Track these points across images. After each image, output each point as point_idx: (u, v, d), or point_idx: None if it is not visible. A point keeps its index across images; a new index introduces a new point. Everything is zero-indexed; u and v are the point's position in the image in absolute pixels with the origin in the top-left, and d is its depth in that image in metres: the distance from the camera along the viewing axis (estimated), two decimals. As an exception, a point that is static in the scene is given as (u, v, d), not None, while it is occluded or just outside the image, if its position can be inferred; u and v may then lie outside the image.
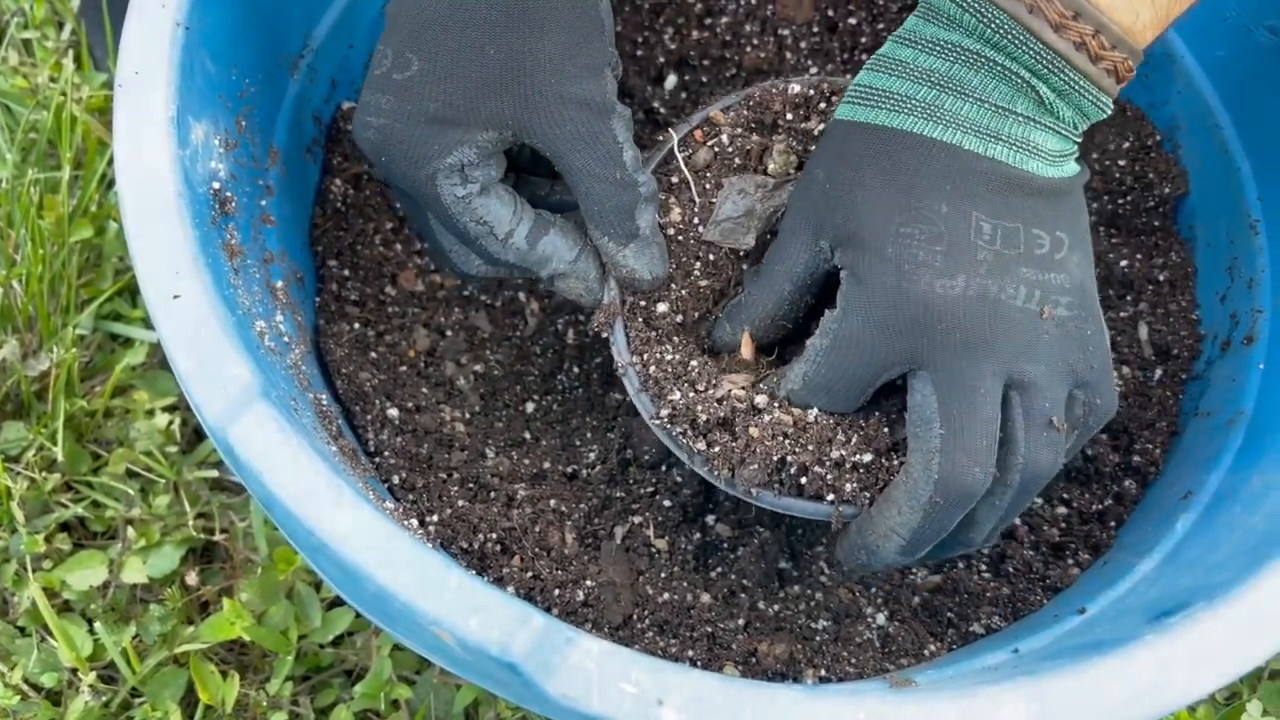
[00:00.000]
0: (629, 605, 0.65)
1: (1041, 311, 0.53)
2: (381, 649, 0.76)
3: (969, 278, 0.52)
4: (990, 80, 0.53)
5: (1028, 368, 0.53)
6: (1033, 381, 0.53)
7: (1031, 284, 0.53)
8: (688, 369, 0.59)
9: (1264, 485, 0.59)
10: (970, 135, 0.53)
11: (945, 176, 0.53)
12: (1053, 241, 0.53)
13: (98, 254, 0.90)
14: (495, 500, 0.67)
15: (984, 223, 0.52)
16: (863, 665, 0.64)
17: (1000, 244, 0.52)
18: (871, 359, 0.54)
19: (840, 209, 0.54)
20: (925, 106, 0.53)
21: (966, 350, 0.52)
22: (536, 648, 0.43)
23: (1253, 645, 0.46)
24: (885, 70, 0.55)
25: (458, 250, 0.61)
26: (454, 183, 0.56)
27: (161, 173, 0.52)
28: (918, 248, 0.52)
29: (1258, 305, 0.70)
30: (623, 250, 0.58)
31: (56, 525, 0.80)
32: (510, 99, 0.55)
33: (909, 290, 0.52)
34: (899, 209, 0.53)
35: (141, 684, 0.75)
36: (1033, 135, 0.53)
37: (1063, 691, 0.44)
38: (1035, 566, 0.68)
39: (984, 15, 0.52)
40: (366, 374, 0.70)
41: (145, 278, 0.50)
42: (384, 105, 0.56)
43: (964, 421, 0.52)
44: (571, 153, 0.56)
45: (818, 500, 0.57)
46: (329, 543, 0.45)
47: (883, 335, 0.53)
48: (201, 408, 0.48)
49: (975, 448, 0.52)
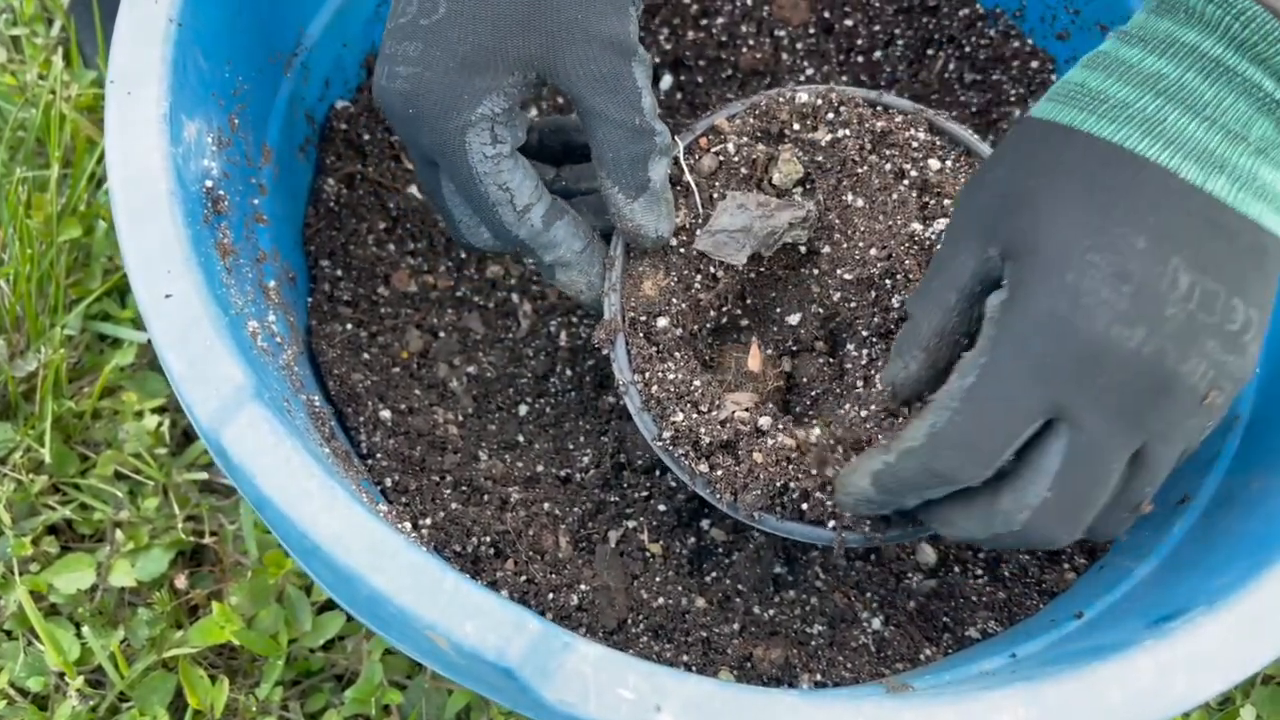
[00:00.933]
0: (623, 609, 0.64)
1: (1206, 396, 0.46)
2: (373, 653, 0.75)
3: (1150, 333, 0.45)
4: (1227, 93, 0.46)
5: (1160, 448, 0.47)
6: (1154, 463, 0.48)
7: (1212, 362, 0.46)
8: (690, 388, 0.58)
9: (1261, 489, 0.58)
10: (1191, 161, 0.46)
11: (1152, 207, 0.45)
12: (1245, 320, 0.46)
13: (86, 253, 0.89)
14: (489, 503, 0.67)
15: (1182, 275, 0.45)
16: (858, 670, 0.64)
17: (1196, 306, 0.45)
18: (1019, 406, 0.46)
19: (1021, 214, 0.47)
20: (1145, 118, 0.46)
21: (1119, 418, 0.46)
22: (533, 653, 0.43)
23: (1253, 650, 0.46)
24: (1103, 69, 0.48)
25: (468, 221, 0.60)
26: (484, 140, 0.54)
27: (154, 171, 0.52)
28: (1101, 282, 0.45)
29: (1254, 309, 0.70)
30: (632, 203, 0.56)
31: (44, 528, 0.79)
32: (536, 35, 0.53)
33: (1080, 327, 0.45)
34: (1091, 230, 0.46)
35: (130, 688, 0.74)
36: (1263, 171, 0.46)
37: (1062, 696, 0.44)
38: (1031, 571, 0.68)
39: (1234, 6, 0.45)
40: (359, 375, 0.70)
41: (137, 277, 0.49)
42: (412, 53, 0.53)
43: (1080, 496, 0.47)
44: (592, 94, 0.54)
45: (819, 525, 0.57)
46: (322, 546, 0.45)
47: (1036, 377, 0.46)
48: (193, 409, 0.47)
49: (1077, 521, 0.48)
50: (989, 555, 0.69)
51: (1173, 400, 0.46)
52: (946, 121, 0.62)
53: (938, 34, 0.84)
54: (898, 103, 0.63)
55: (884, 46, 0.84)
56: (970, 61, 0.83)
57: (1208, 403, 0.47)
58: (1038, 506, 0.47)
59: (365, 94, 0.79)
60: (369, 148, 0.78)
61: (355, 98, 0.79)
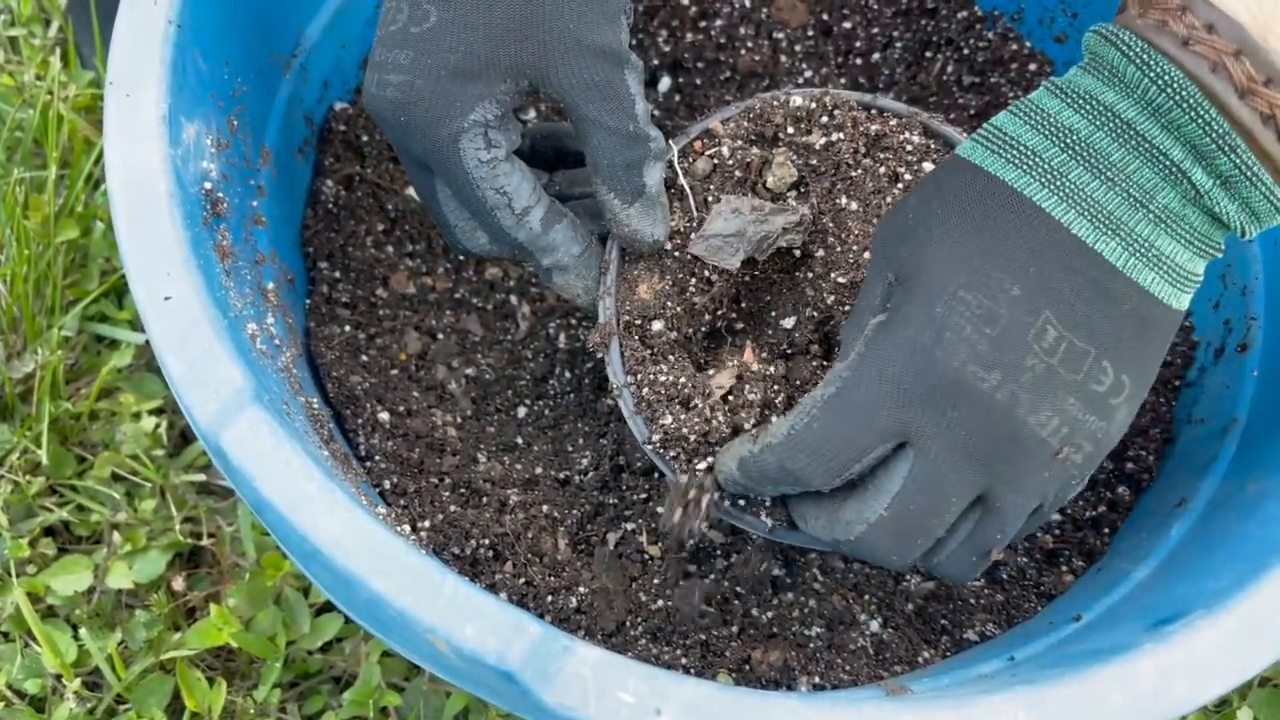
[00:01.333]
0: (622, 612, 0.64)
1: (1059, 451, 0.47)
2: (370, 655, 0.75)
3: (1004, 380, 0.46)
4: (1134, 158, 0.45)
5: (1008, 496, 0.48)
6: (1001, 510, 0.48)
7: (1067, 419, 0.46)
8: (679, 387, 0.58)
9: (1259, 492, 0.59)
10: (1086, 219, 0.46)
11: (1035, 256, 0.46)
12: (1114, 383, 0.47)
13: (84, 254, 0.89)
14: (487, 506, 0.67)
15: (1050, 329, 0.46)
16: (857, 672, 0.64)
17: (1059, 361, 0.46)
18: (872, 425, 0.48)
19: (910, 243, 0.49)
20: (1048, 170, 0.46)
21: (964, 455, 0.47)
22: (533, 656, 0.43)
23: (1252, 654, 0.46)
24: (1024, 117, 0.48)
25: (464, 226, 0.59)
26: (478, 146, 0.54)
27: (153, 172, 0.51)
28: (966, 320, 0.46)
29: (1252, 313, 0.70)
30: (628, 208, 0.56)
31: (41, 529, 0.79)
32: (529, 44, 0.52)
33: (939, 361, 0.46)
34: (969, 269, 0.46)
35: (127, 691, 0.74)
36: (1160, 241, 0.46)
37: (1062, 700, 0.44)
38: (1029, 573, 0.68)
39: (1152, 69, 0.44)
40: (357, 377, 0.69)
41: (136, 279, 0.49)
42: (402, 61, 0.53)
43: (914, 522, 0.48)
44: (586, 102, 0.54)
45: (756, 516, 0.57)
46: (322, 549, 0.45)
47: (891, 398, 0.47)
48: (193, 411, 0.47)
49: (909, 546, 0.49)
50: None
51: (1021, 450, 0.47)
52: (941, 124, 0.62)
53: (936, 36, 0.84)
54: (892, 105, 0.62)
55: (882, 49, 0.84)
56: (969, 64, 0.83)
57: (1061, 458, 0.47)
58: (874, 523, 0.49)
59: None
60: (368, 149, 0.78)
61: (354, 99, 0.79)
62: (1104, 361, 0.46)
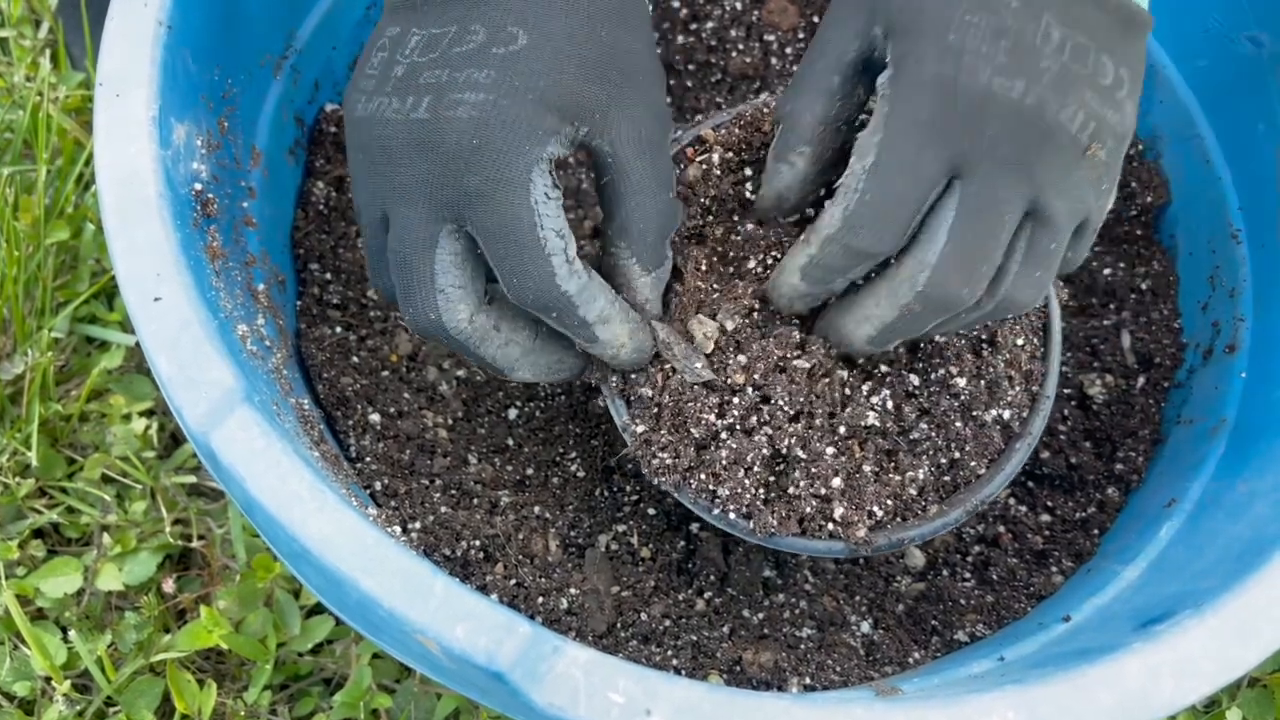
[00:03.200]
0: (612, 613, 0.64)
1: (1088, 148, 0.49)
2: (361, 657, 0.75)
3: (1029, 84, 0.48)
4: None
5: (1055, 202, 0.49)
6: (1051, 218, 0.50)
7: (1090, 113, 0.49)
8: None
9: (1248, 493, 0.59)
10: None
11: None
12: (1115, 77, 0.49)
13: (74, 256, 0.89)
14: (478, 507, 0.67)
15: (1054, 29, 0.48)
16: (847, 673, 0.64)
17: (1068, 57, 0.48)
18: (920, 172, 0.49)
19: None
20: None
21: (1007, 167, 0.48)
22: (523, 656, 0.43)
23: (1240, 653, 0.46)
24: None
25: (455, 291, 0.52)
26: (547, 181, 0.50)
27: (143, 173, 0.51)
28: (980, 40, 0.47)
29: (1239, 314, 0.70)
30: (646, 276, 0.55)
31: (30, 531, 0.79)
32: (610, 88, 0.51)
33: (966, 84, 0.47)
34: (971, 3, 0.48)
35: (117, 693, 0.73)
36: None
37: (1051, 699, 0.44)
38: (1019, 574, 0.68)
39: None
40: (348, 379, 0.69)
41: (126, 280, 0.49)
42: (483, 80, 0.49)
43: (975, 245, 0.49)
44: (638, 159, 0.52)
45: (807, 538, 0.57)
46: (312, 549, 0.45)
47: (930, 139, 0.48)
48: (183, 412, 0.47)
49: (975, 274, 0.49)
50: (977, 558, 0.69)
51: (1056, 149, 0.48)
52: None
53: (926, 39, 0.84)
54: None
55: (873, 51, 0.85)
56: (959, 67, 0.83)
57: (1090, 154, 0.49)
58: (936, 262, 0.49)
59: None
60: (359, 151, 0.78)
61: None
62: (1103, 56, 0.49)
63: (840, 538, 0.57)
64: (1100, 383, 0.74)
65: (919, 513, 0.58)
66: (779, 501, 0.57)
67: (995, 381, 0.59)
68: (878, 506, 0.57)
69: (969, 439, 0.59)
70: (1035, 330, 0.61)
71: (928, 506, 0.58)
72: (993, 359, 0.59)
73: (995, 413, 0.59)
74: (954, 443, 0.58)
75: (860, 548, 0.57)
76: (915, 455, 0.58)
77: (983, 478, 0.59)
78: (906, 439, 0.58)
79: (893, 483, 0.58)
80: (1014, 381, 0.60)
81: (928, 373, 0.59)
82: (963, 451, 0.59)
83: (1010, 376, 0.60)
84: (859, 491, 0.57)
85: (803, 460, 0.56)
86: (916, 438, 0.58)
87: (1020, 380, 0.60)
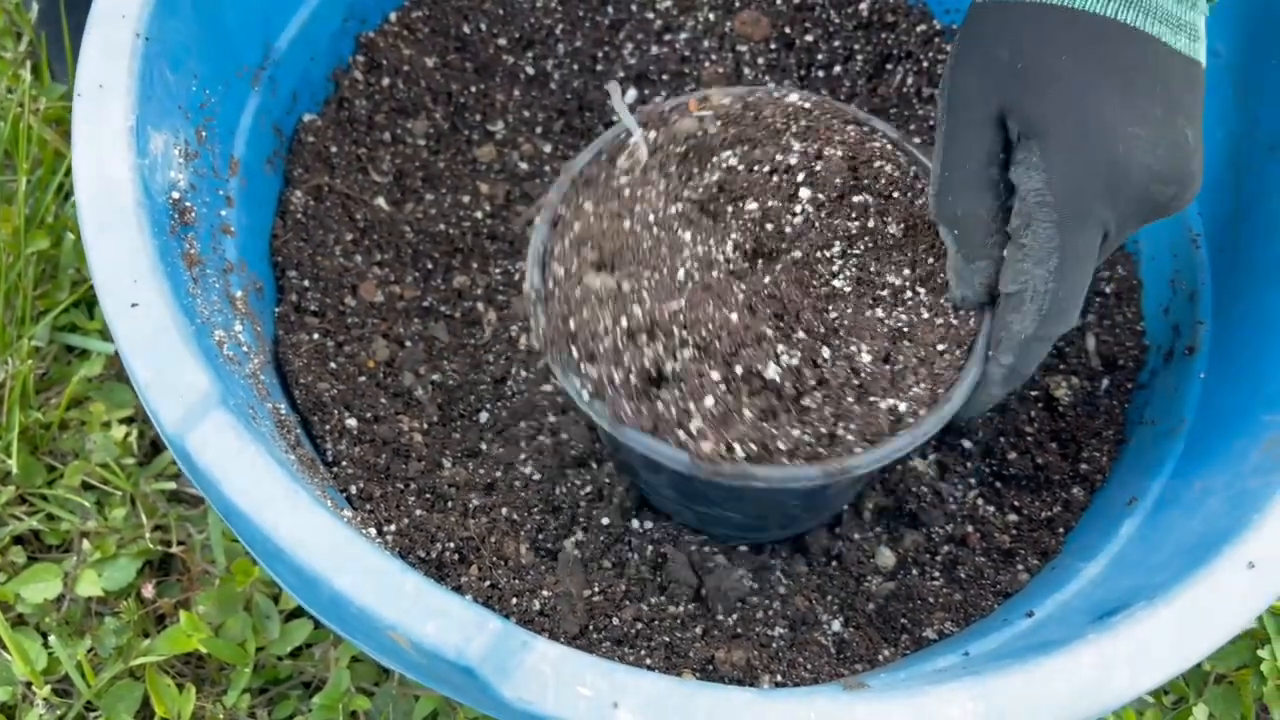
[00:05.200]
0: (585, 616, 0.65)
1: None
2: (340, 660, 0.75)
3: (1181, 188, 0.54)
4: None
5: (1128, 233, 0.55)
6: (1113, 243, 0.55)
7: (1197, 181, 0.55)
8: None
9: (1203, 490, 0.60)
10: (1166, 26, 0.52)
11: (1159, 77, 0.52)
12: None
13: (54, 265, 0.89)
14: (452, 510, 0.68)
15: (1189, 130, 0.53)
16: (818, 671, 0.65)
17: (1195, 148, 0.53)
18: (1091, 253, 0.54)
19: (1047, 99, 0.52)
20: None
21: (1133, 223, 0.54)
22: (492, 651, 0.44)
23: (1191, 643, 0.47)
24: None
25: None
26: None
27: (120, 182, 0.52)
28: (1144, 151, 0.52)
29: (1199, 317, 0.72)
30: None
31: (10, 538, 0.79)
32: None
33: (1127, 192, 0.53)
34: (1124, 105, 0.52)
35: (97, 697, 0.74)
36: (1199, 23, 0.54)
37: (1009, 689, 0.45)
38: (986, 572, 0.69)
39: None
40: (325, 384, 0.70)
41: (103, 286, 0.50)
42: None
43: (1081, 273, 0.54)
44: None
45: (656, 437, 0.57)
46: (286, 548, 0.46)
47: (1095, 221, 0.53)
48: (159, 415, 0.48)
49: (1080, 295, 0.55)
50: (946, 558, 0.71)
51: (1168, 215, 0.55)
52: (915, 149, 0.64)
53: (896, 49, 0.86)
54: (882, 126, 0.64)
55: (843, 61, 0.86)
56: (928, 76, 0.85)
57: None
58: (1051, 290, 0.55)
59: (332, 107, 0.80)
60: (336, 160, 0.79)
61: (323, 111, 0.80)
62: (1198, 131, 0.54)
63: (687, 449, 0.55)
64: (1066, 384, 0.75)
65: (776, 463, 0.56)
66: (642, 399, 0.56)
67: (901, 372, 0.58)
68: (740, 445, 0.55)
69: (855, 418, 0.57)
70: (960, 344, 0.60)
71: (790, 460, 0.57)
72: (907, 350, 0.59)
73: (892, 402, 0.58)
74: (840, 419, 0.57)
75: (702, 463, 0.55)
76: (799, 422, 0.57)
77: (855, 454, 0.57)
78: (797, 405, 0.57)
79: (764, 433, 0.56)
80: (921, 379, 0.58)
81: (839, 348, 0.58)
82: (846, 429, 0.57)
83: (919, 372, 0.58)
84: (726, 423, 0.55)
85: (684, 378, 0.56)
86: (807, 405, 0.57)
87: (928, 380, 0.58)
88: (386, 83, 0.83)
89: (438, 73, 0.84)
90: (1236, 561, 0.49)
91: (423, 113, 0.84)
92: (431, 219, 0.81)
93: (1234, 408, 0.65)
